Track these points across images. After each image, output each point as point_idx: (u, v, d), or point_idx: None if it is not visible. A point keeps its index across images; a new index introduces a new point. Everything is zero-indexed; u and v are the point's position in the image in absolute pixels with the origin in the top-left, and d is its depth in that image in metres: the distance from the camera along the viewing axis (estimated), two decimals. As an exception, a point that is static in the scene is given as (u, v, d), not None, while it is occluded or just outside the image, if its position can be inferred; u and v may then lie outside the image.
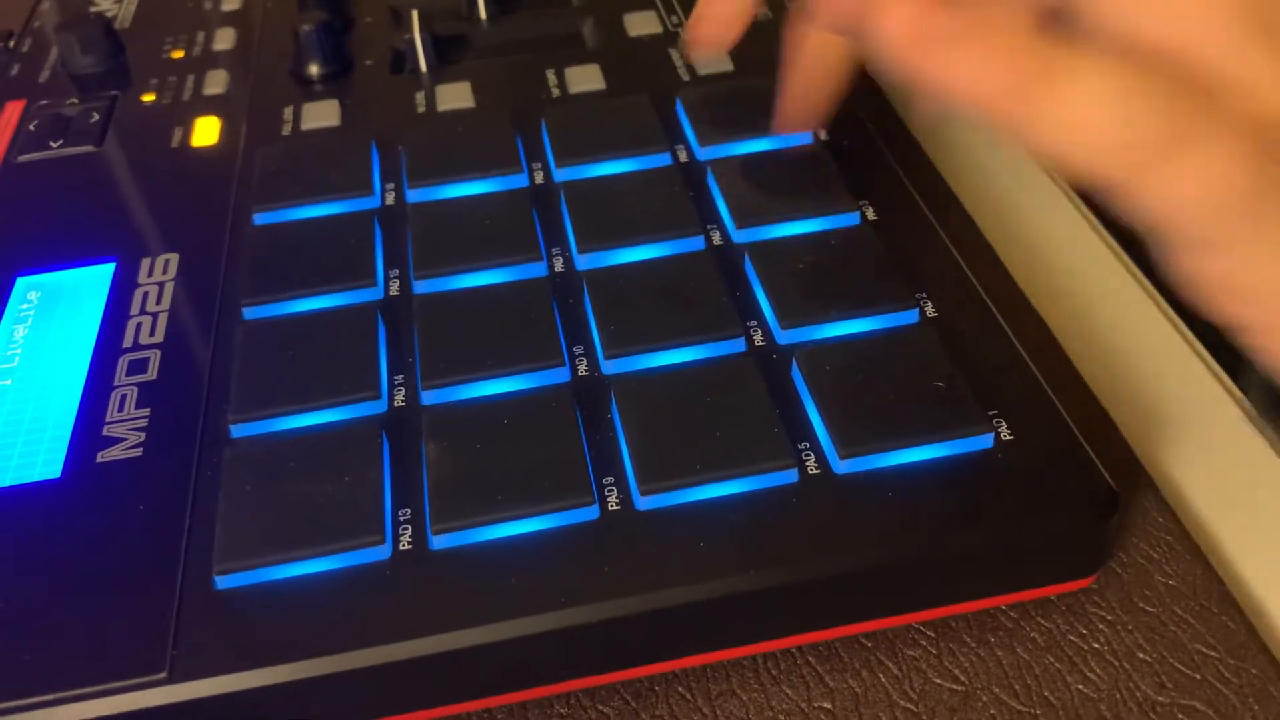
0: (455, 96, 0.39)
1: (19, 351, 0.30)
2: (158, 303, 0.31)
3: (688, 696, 0.25)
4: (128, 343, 0.30)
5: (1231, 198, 0.17)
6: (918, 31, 0.17)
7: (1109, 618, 0.26)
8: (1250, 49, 0.17)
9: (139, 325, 0.31)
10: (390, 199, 0.34)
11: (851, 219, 0.32)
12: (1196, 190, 0.17)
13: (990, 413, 0.26)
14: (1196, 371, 0.32)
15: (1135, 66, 0.17)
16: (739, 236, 0.32)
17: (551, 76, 0.39)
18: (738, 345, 0.28)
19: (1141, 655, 0.25)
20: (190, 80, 0.41)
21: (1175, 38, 0.17)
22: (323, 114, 0.38)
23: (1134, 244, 0.36)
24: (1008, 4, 0.18)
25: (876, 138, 0.36)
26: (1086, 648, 0.25)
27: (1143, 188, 0.18)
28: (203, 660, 0.23)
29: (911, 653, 0.26)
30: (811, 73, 0.30)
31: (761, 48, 0.40)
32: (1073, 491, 0.25)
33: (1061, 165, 0.18)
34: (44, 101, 0.41)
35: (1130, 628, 0.25)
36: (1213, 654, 0.25)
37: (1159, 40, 0.18)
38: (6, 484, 0.27)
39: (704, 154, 0.35)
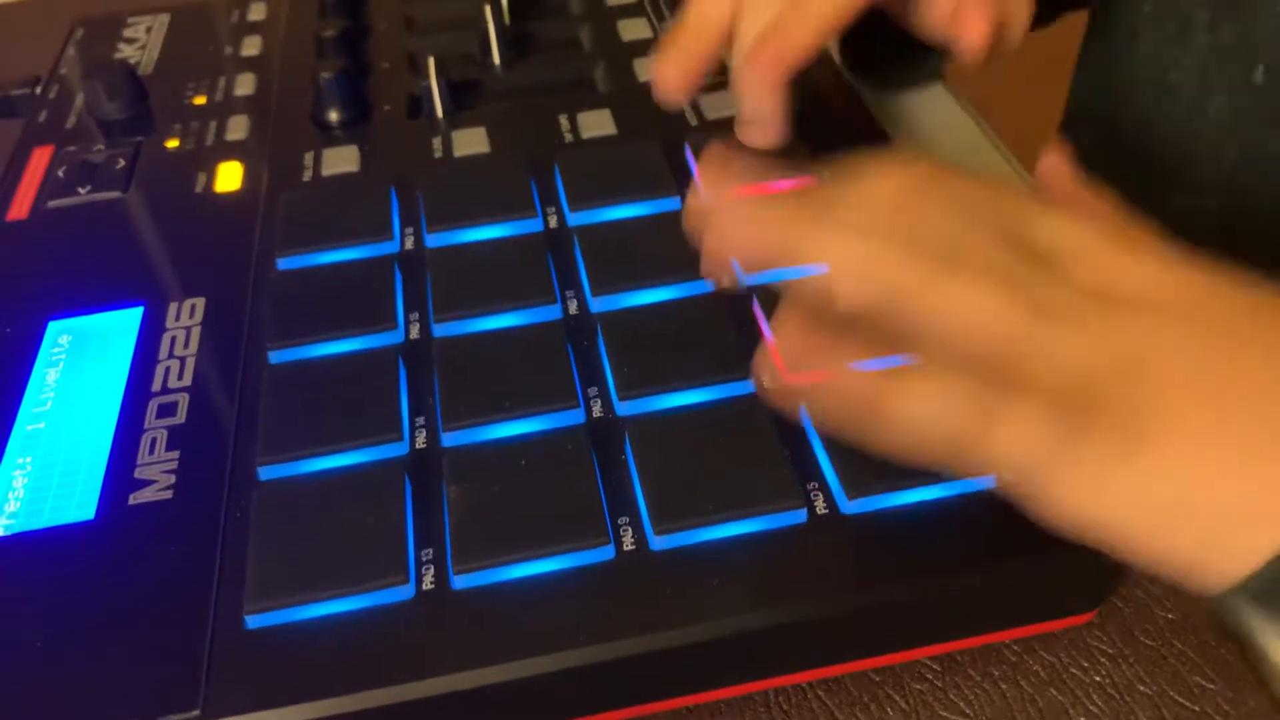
0: (471, 141, 0.40)
1: (52, 395, 0.32)
2: (185, 347, 0.32)
3: (702, 730, 0.26)
4: (157, 386, 0.31)
5: (1044, 445, 0.21)
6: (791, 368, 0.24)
7: (1110, 651, 0.26)
8: (1036, 323, 0.21)
9: (167, 369, 0.32)
10: (409, 243, 0.35)
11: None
12: (1015, 447, 0.21)
13: (993, 452, 0.27)
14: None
15: (947, 368, 0.22)
16: (746, 279, 0.33)
17: (564, 121, 0.40)
18: (748, 387, 0.29)
19: (1142, 688, 0.26)
20: (213, 125, 0.43)
21: (975, 323, 0.22)
22: (343, 159, 0.39)
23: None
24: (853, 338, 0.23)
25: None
26: (1088, 680, 0.26)
27: (978, 454, 0.22)
28: (234, 697, 0.24)
29: (918, 686, 0.26)
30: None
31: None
32: (1073, 530, 0.26)
33: (912, 449, 0.22)
34: (71, 147, 0.42)
35: (1131, 661, 0.26)
36: (1211, 686, 0.26)
37: (964, 328, 0.22)
38: (43, 525, 0.28)
39: (713, 197, 0.36)
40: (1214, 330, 0.21)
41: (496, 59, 0.44)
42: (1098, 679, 0.26)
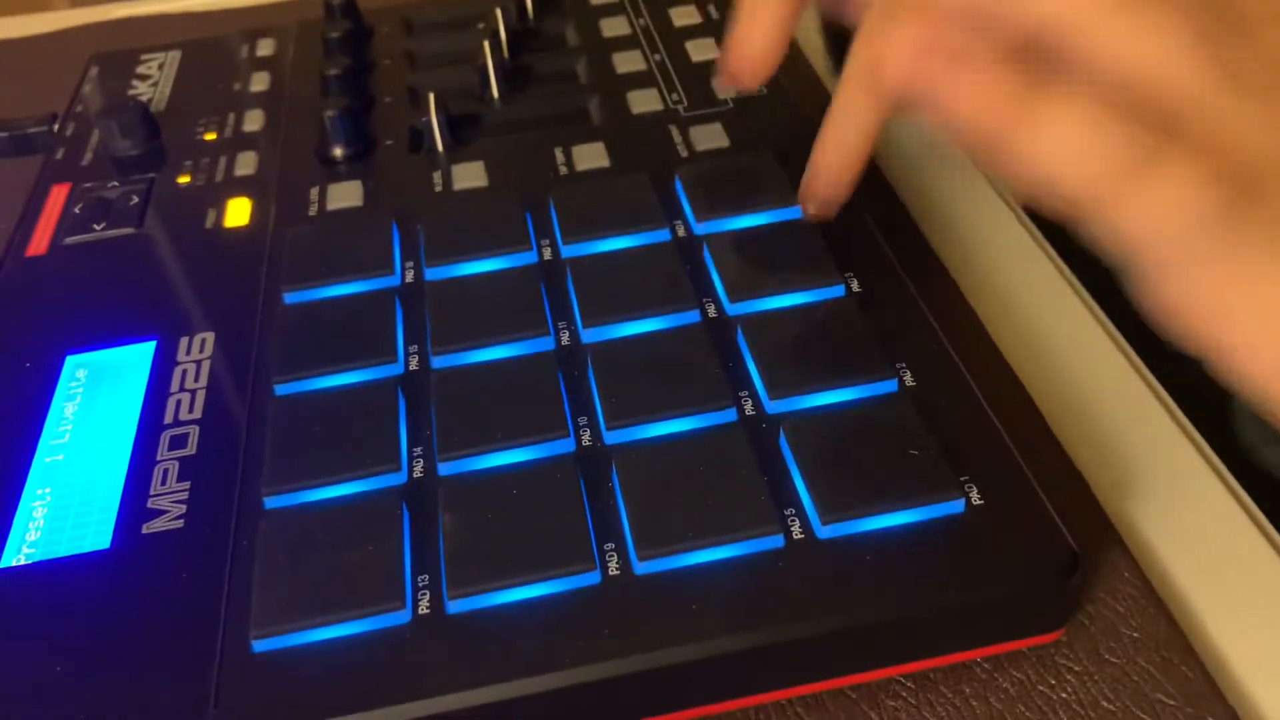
0: (469, 175, 0.41)
1: (70, 428, 0.33)
2: (196, 380, 0.34)
3: (685, 746, 0.27)
4: (169, 419, 0.33)
5: (1198, 217, 0.19)
6: (914, 55, 0.20)
7: (1076, 669, 0.28)
8: (1218, 89, 0.19)
9: (179, 402, 0.33)
10: (410, 276, 0.37)
11: (837, 291, 0.34)
12: (1165, 211, 0.19)
13: (962, 478, 0.28)
14: (1166, 429, 0.34)
15: (1105, 100, 0.19)
16: (732, 310, 0.34)
17: (559, 154, 0.42)
18: (729, 415, 0.31)
19: (1106, 704, 0.27)
20: (222, 161, 0.44)
21: (1146, 73, 0.19)
22: (346, 195, 0.41)
23: (1113, 304, 0.38)
24: (991, 37, 0.20)
25: (862, 208, 0.38)
26: (1055, 697, 0.27)
27: (1114, 212, 0.19)
28: (241, 717, 0.25)
29: (893, 703, 0.28)
30: (845, 149, 0.30)
31: (755, 124, 0.42)
32: (1037, 553, 0.27)
33: (1038, 192, 0.19)
34: (87, 184, 0.44)
35: (1096, 678, 0.27)
36: (1172, 703, 0.27)
37: (1133, 74, 0.19)
38: (61, 555, 0.29)
39: (700, 229, 0.37)
40: None
41: (495, 93, 0.45)
42: (1064, 695, 0.27)
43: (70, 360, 0.35)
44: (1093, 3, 0.19)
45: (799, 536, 0.28)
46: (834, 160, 0.29)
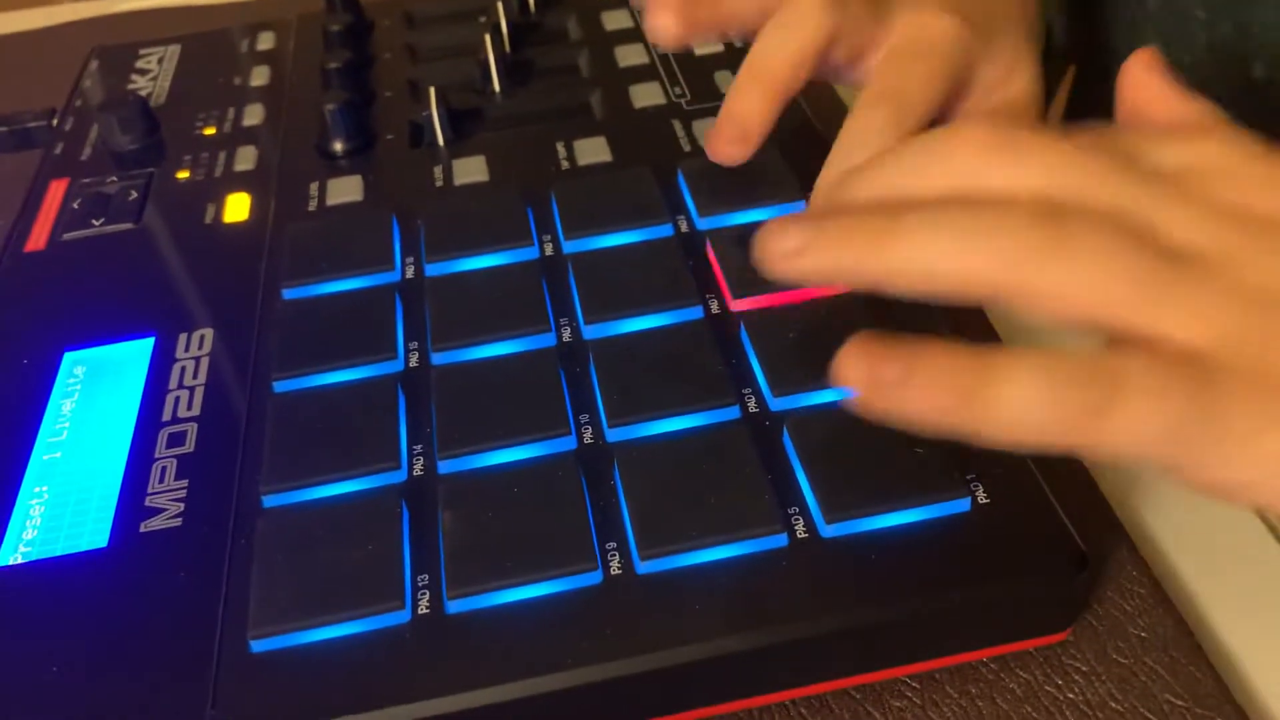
0: (470, 170, 0.41)
1: (67, 425, 0.33)
2: (194, 377, 0.34)
3: (687, 747, 0.27)
4: (167, 416, 0.33)
5: (1172, 424, 0.19)
6: (871, 382, 0.21)
7: (1084, 669, 0.27)
8: (1160, 285, 0.20)
9: (177, 399, 0.33)
10: (410, 273, 0.37)
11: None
12: (1140, 432, 0.20)
13: (968, 477, 0.28)
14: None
15: (1046, 358, 0.20)
16: (735, 306, 0.34)
17: (561, 148, 0.41)
18: (732, 413, 0.30)
19: (1114, 705, 0.27)
20: (222, 156, 0.44)
21: (1093, 311, 0.20)
22: (346, 189, 0.41)
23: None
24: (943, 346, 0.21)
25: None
26: (1062, 698, 0.27)
27: (1096, 445, 0.20)
28: (239, 718, 0.25)
29: (898, 704, 0.27)
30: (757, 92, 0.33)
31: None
32: (1043, 552, 0.27)
33: (1021, 444, 0.20)
34: (86, 180, 0.43)
35: (1104, 678, 0.27)
36: (1180, 703, 0.26)
37: (1084, 315, 0.20)
38: (59, 553, 0.29)
39: (703, 224, 0.37)
40: None
41: (496, 87, 0.45)
42: (1071, 696, 0.27)
43: (68, 357, 0.35)
44: (1015, 251, 0.20)
45: (803, 535, 0.27)
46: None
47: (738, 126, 0.33)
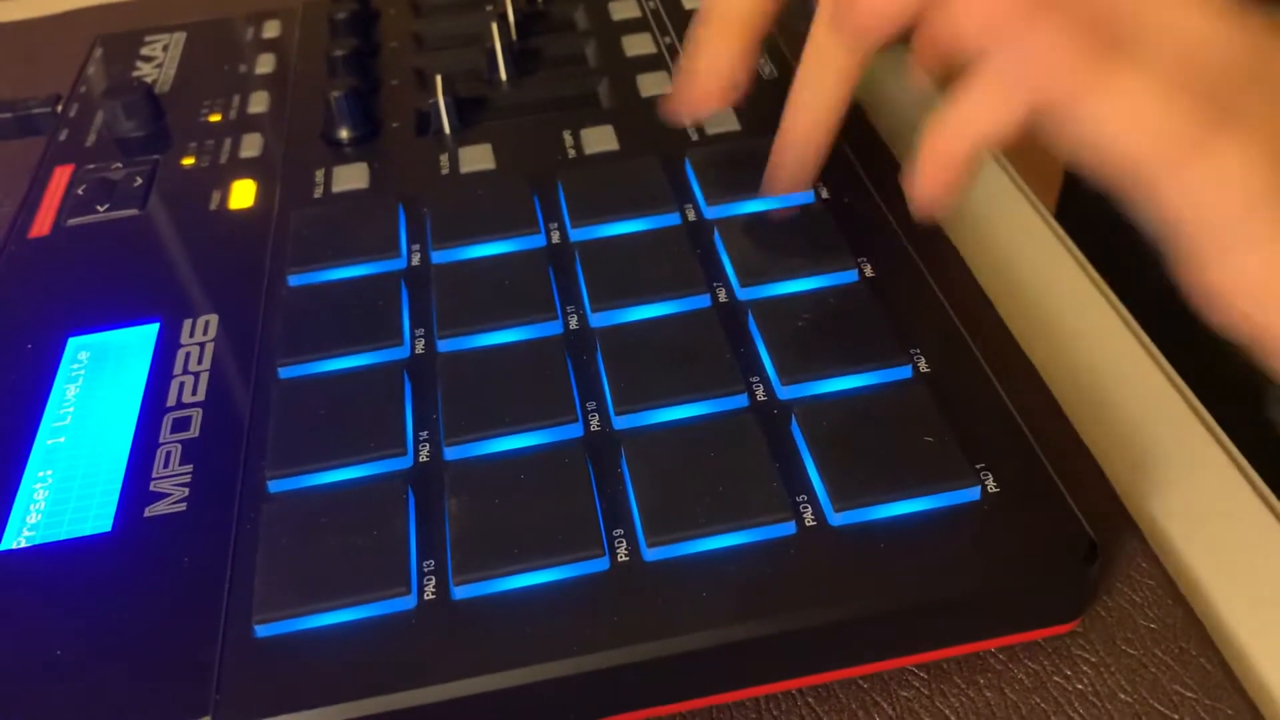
0: (477, 158, 0.41)
1: (72, 410, 0.33)
2: (199, 362, 0.34)
3: (694, 736, 0.27)
4: (171, 401, 0.32)
5: (1249, 198, 0.19)
6: (989, 18, 0.20)
7: (1093, 659, 0.27)
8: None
9: (182, 384, 0.33)
10: (416, 260, 0.36)
11: (850, 276, 0.33)
12: (1217, 189, 0.19)
13: (978, 466, 0.28)
14: (1182, 418, 0.33)
15: (1171, 75, 0.19)
16: (743, 294, 0.34)
17: (568, 137, 0.41)
18: (740, 401, 0.30)
19: (1123, 696, 0.26)
20: (227, 143, 0.44)
21: (1210, 53, 0.19)
22: (352, 177, 0.40)
23: (1128, 293, 0.38)
24: (1063, 8, 0.20)
25: (875, 194, 0.37)
26: (1071, 689, 0.27)
27: (1168, 186, 0.19)
28: (244, 704, 0.25)
29: (905, 694, 0.27)
30: (807, 128, 0.32)
31: (766, 106, 0.42)
32: (1054, 542, 0.26)
33: (1095, 159, 0.20)
34: (91, 166, 0.43)
35: (1113, 669, 0.27)
36: (1190, 695, 0.26)
37: (1196, 53, 0.19)
38: (62, 538, 0.29)
39: (711, 213, 0.37)
40: None
41: (503, 75, 0.45)
42: (1079, 687, 0.27)
43: (72, 342, 0.35)
44: None
45: (811, 524, 0.27)
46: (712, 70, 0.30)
47: (713, 80, 0.32)
